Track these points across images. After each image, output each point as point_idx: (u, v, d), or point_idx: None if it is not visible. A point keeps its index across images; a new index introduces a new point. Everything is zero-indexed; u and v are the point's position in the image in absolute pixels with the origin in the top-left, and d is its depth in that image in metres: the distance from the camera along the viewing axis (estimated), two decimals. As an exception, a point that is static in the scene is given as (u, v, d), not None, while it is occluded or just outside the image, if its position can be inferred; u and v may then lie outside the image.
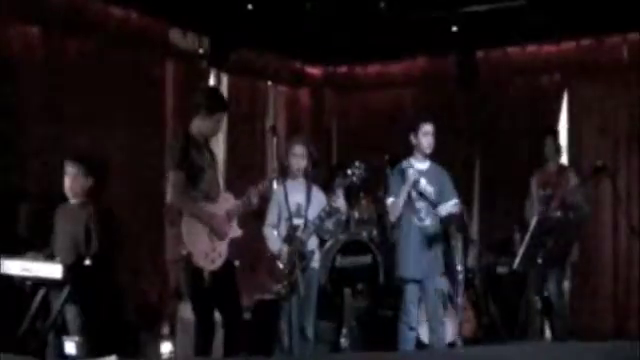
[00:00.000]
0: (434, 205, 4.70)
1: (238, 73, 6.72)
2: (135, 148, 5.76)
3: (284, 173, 4.68)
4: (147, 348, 5.27)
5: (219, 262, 4.17)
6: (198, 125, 4.31)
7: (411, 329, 4.71)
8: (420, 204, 4.71)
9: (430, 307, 4.74)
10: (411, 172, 4.67)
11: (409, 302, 4.69)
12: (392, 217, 4.76)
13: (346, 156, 6.88)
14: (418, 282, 4.71)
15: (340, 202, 4.76)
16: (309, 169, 4.83)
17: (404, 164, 4.78)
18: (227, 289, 4.24)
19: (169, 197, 4.17)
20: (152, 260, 5.77)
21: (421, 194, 4.66)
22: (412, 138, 4.78)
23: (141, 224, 5.76)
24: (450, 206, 4.72)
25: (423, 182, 4.75)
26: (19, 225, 5.11)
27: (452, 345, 5.06)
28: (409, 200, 4.70)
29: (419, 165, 4.79)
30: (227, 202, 4.30)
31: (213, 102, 4.34)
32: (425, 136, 4.73)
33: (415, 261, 4.69)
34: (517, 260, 4.85)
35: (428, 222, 4.72)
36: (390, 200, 4.78)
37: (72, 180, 4.73)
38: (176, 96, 6.10)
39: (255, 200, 4.29)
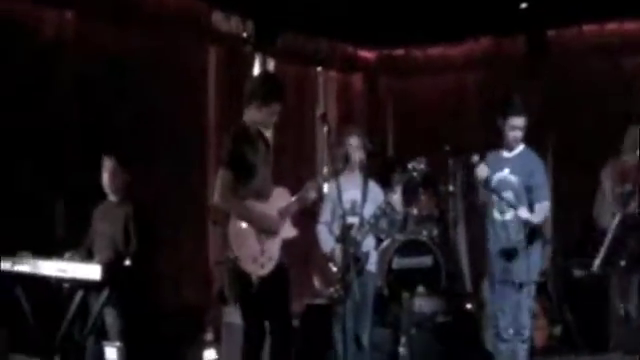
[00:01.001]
0: (518, 198, 4.48)
1: (285, 58, 6.70)
2: (176, 140, 5.81)
3: (338, 166, 4.62)
4: (189, 355, 5.31)
5: (269, 266, 4.10)
6: (252, 115, 4.23)
7: (504, 341, 4.49)
8: (503, 195, 4.53)
9: (515, 318, 4.49)
10: (479, 169, 4.52)
11: (498, 309, 4.50)
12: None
13: (403, 147, 6.93)
14: (506, 284, 4.51)
15: (397, 199, 4.71)
16: (364, 162, 4.77)
17: (490, 155, 4.60)
18: (277, 295, 4.16)
19: (215, 196, 4.11)
20: (195, 261, 5.87)
21: (493, 191, 4.49)
22: (500, 124, 4.61)
23: (183, 223, 5.82)
24: (538, 209, 4.47)
25: (506, 172, 4.60)
26: (55, 224, 5.20)
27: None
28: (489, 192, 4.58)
29: (505, 152, 4.64)
30: (280, 199, 4.23)
31: (269, 90, 4.24)
32: (512, 130, 4.58)
33: (498, 261, 4.52)
34: (597, 262, 4.68)
35: (509, 216, 4.53)
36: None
37: (110, 175, 4.80)
38: (219, 83, 6.14)
39: (312, 197, 4.24)
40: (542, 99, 6.70)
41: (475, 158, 4.61)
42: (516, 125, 4.57)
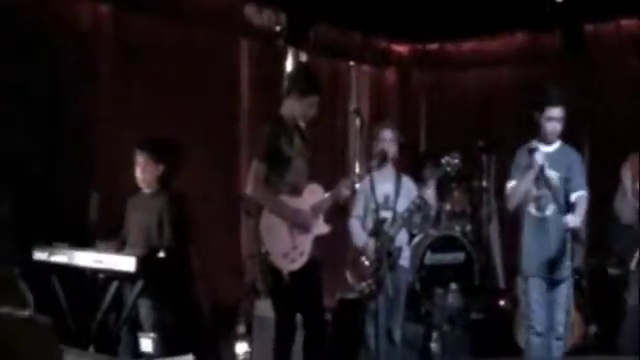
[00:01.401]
0: (557, 194, 4.41)
1: (318, 52, 6.69)
2: (209, 133, 5.83)
3: (371, 161, 4.63)
4: (221, 347, 5.31)
5: (300, 262, 4.10)
6: (289, 108, 4.24)
7: (538, 334, 4.42)
8: (541, 191, 4.43)
9: (551, 315, 4.42)
10: (538, 155, 4.39)
11: (533, 302, 4.41)
12: (510, 204, 4.49)
13: (435, 141, 6.87)
14: (543, 280, 4.44)
15: (430, 193, 4.72)
16: (397, 156, 4.77)
17: (533, 144, 4.50)
18: (309, 290, 4.17)
19: (248, 188, 4.13)
20: (227, 254, 5.89)
21: (545, 181, 4.40)
22: (537, 117, 4.49)
23: (216, 215, 5.82)
24: (576, 197, 4.40)
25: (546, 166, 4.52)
26: (89, 215, 5.22)
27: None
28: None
29: (544, 147, 4.51)
30: (313, 195, 4.23)
31: (308, 82, 4.26)
32: (549, 121, 4.43)
33: (534, 258, 4.44)
34: (634, 261, 4.59)
35: (549, 212, 4.42)
36: (511, 184, 4.50)
37: (142, 168, 4.77)
38: (251, 77, 6.14)
39: (346, 194, 4.23)
40: (578, 95, 6.49)
41: (534, 143, 4.48)
42: (553, 116, 4.43)
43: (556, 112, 4.43)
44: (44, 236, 4.68)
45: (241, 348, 5.29)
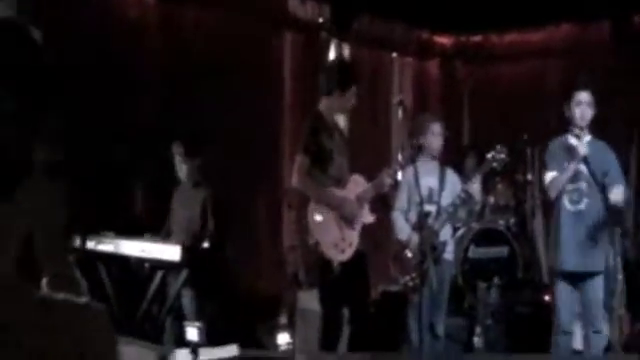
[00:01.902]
0: (597, 187, 4.34)
1: (360, 44, 6.68)
2: (251, 126, 5.80)
3: (415, 153, 4.61)
4: (263, 338, 5.35)
5: (349, 252, 4.13)
6: (328, 103, 4.26)
7: (564, 333, 4.43)
8: (576, 185, 4.35)
9: (587, 310, 4.39)
10: (581, 146, 4.31)
11: (561, 301, 4.43)
12: (552, 194, 4.39)
13: (479, 134, 6.81)
14: (574, 277, 4.42)
15: (475, 188, 4.69)
16: (441, 149, 4.75)
17: (571, 135, 4.44)
18: (357, 281, 4.21)
19: (294, 180, 4.16)
20: (269, 245, 5.86)
21: (590, 173, 4.32)
22: (565, 109, 4.42)
23: (258, 206, 5.85)
24: (615, 194, 4.34)
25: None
26: (135, 206, 5.28)
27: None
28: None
29: (573, 140, 4.43)
30: (357, 186, 4.26)
31: (345, 77, 4.28)
32: (578, 106, 4.34)
33: (569, 252, 4.38)
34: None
35: (583, 206, 4.35)
36: (550, 175, 4.42)
37: (181, 160, 4.84)
38: (294, 69, 6.13)
39: (388, 183, 4.27)
40: (627, 88, 6.47)
41: (576, 131, 4.40)
42: (582, 100, 4.31)
43: (584, 96, 4.33)
44: (91, 225, 4.74)
45: (283, 339, 5.32)
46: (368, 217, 4.28)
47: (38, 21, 2.38)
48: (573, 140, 4.36)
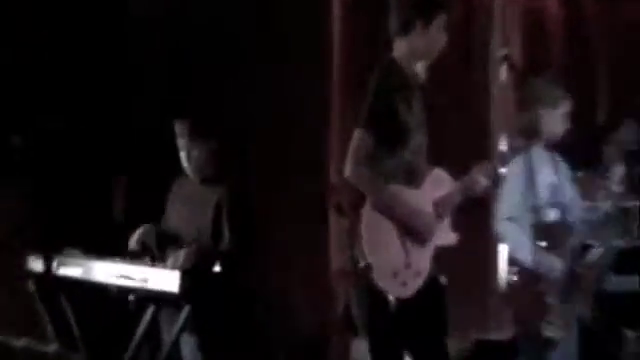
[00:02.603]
0: None
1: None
2: (283, 97, 5.67)
3: (526, 135, 4.44)
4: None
5: (414, 285, 3.85)
6: (406, 45, 3.96)
7: None
8: None
9: None
10: None
11: None
12: None
13: (619, 105, 6.35)
14: None
15: (617, 187, 4.62)
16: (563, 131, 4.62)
17: None
18: (427, 326, 3.95)
19: (346, 169, 3.83)
20: (310, 269, 5.72)
21: None
22: None
23: (295, 213, 5.70)
24: None
25: None
26: (114, 208, 5.33)
27: None
28: None
29: None
30: (437, 186, 3.98)
31: (427, 3, 3.98)
32: None
33: None
34: None
35: None
36: None
37: (188, 147, 4.65)
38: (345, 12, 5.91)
39: (483, 183, 3.97)
40: None
41: None
42: None
43: None
44: (48, 238, 4.73)
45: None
46: (449, 236, 3.98)
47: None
48: None
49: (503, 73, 4.10)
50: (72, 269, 4.49)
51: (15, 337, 4.93)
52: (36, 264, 4.57)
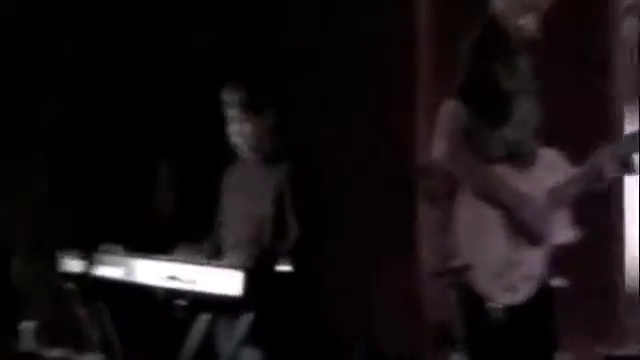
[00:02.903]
0: None
1: None
2: (361, 61, 5.60)
3: None
4: None
5: (523, 291, 3.78)
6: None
7: None
8: None
9: None
10: None
11: None
12: None
13: None
14: None
15: None
16: None
17: None
18: (537, 339, 3.87)
19: (437, 147, 3.74)
20: (394, 269, 5.61)
21: None
22: None
23: (374, 202, 5.63)
24: None
25: None
26: (158, 200, 5.37)
27: None
28: None
29: None
30: (550, 171, 3.88)
31: None
32: None
33: None
34: None
35: None
36: None
37: (238, 117, 4.48)
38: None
39: (611, 170, 3.82)
40: None
41: None
42: None
43: None
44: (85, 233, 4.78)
45: None
46: (565, 233, 3.85)
47: None
48: None
49: (630, 27, 4.15)
50: (111, 269, 4.34)
51: (49, 347, 4.82)
52: (74, 264, 4.48)
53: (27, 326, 5.31)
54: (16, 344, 5.08)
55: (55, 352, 4.87)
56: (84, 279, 4.41)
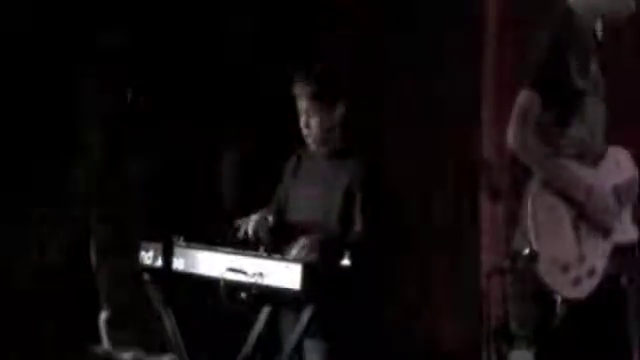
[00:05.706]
0: None
1: None
2: (428, 54, 5.60)
3: None
4: None
5: (589, 285, 3.77)
6: None
7: None
8: None
9: None
10: None
11: None
12: None
13: None
14: None
15: None
16: None
17: None
18: (604, 338, 3.88)
19: (510, 139, 3.78)
20: (457, 266, 5.65)
21: None
22: None
23: (440, 198, 5.70)
24: None
25: None
26: (222, 190, 5.38)
27: None
28: None
29: None
30: (617, 169, 3.94)
31: None
32: None
33: None
34: None
35: None
36: None
37: (308, 110, 4.51)
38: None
39: None
40: None
41: None
42: None
43: None
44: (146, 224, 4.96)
45: None
46: (630, 232, 3.91)
47: None
48: None
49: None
50: (174, 261, 4.39)
51: (124, 349, 5.03)
52: (147, 256, 4.55)
53: (103, 318, 5.40)
54: (93, 344, 5.16)
55: (127, 355, 4.99)
56: (161, 272, 4.40)
